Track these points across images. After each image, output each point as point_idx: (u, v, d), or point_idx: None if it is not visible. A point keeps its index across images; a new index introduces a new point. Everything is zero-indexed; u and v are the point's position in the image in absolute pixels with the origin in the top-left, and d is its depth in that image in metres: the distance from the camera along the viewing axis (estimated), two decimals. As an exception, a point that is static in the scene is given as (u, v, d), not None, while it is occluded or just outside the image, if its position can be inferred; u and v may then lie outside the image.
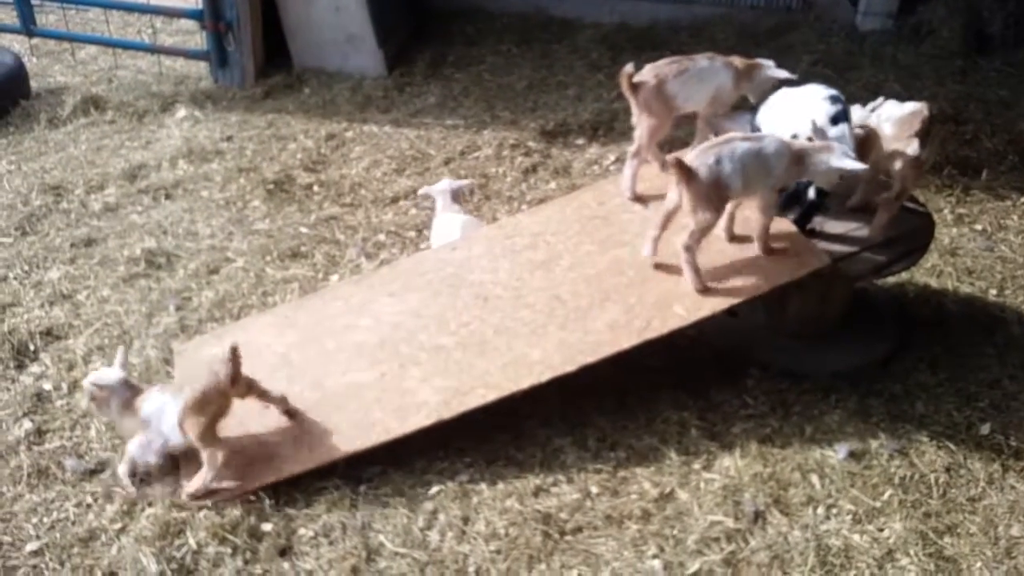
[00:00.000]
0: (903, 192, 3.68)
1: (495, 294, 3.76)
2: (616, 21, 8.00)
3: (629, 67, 3.78)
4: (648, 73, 3.84)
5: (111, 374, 3.29)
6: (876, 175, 3.75)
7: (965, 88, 6.44)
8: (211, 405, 3.15)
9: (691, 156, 3.41)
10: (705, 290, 3.55)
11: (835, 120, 3.49)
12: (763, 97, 3.92)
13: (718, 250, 3.69)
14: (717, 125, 4.06)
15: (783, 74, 3.89)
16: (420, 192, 4.62)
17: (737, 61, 3.94)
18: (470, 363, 3.50)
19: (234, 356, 3.15)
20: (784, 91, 3.82)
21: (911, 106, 3.70)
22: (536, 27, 7.97)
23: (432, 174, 5.59)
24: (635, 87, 3.82)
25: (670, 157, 3.44)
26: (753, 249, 3.65)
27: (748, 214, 3.71)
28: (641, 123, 3.92)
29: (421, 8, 8.16)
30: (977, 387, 3.83)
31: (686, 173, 3.36)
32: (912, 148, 3.52)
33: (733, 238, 3.73)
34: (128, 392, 3.26)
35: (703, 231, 3.47)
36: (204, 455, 3.19)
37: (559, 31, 7.93)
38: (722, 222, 3.63)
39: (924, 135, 3.57)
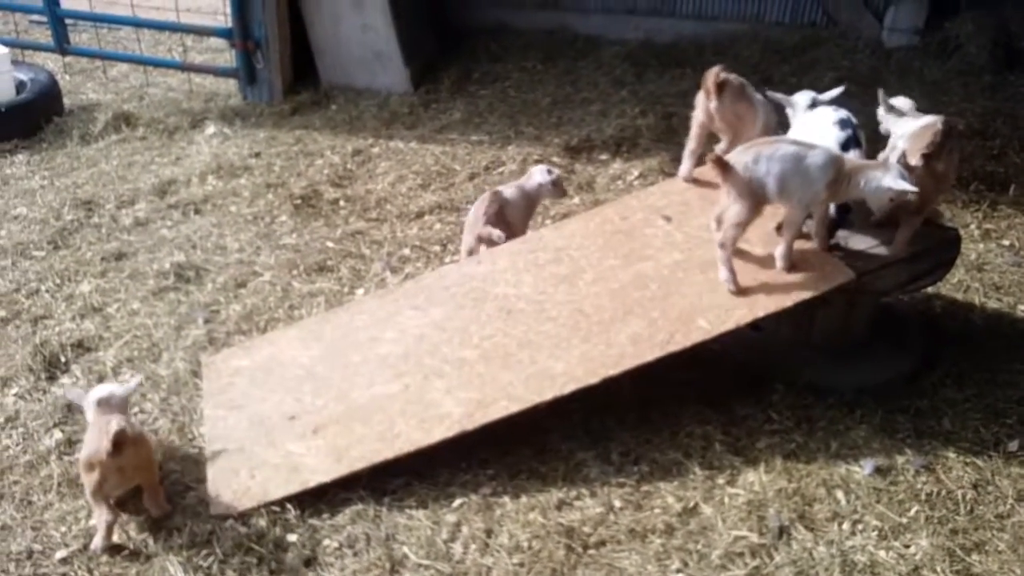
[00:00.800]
0: (923, 206, 3.66)
1: (518, 308, 3.78)
2: (640, 38, 8.03)
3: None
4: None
5: (96, 392, 3.32)
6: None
7: (993, 104, 6.40)
8: (93, 471, 3.07)
9: (733, 152, 3.47)
10: (740, 291, 3.56)
11: (845, 146, 3.48)
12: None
13: (741, 264, 3.69)
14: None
15: None
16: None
17: None
18: (493, 376, 3.52)
19: (118, 437, 3.00)
20: (802, 115, 3.82)
21: (925, 120, 3.69)
22: (560, 44, 8.03)
23: (457, 189, 5.64)
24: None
25: (711, 154, 3.49)
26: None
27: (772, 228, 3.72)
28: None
29: (446, 26, 8.23)
30: (1005, 403, 3.79)
31: (723, 167, 3.40)
32: (915, 160, 3.52)
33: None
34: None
35: (737, 227, 3.50)
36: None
37: (583, 48, 7.98)
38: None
39: (939, 149, 3.53)
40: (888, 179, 3.34)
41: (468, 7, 8.50)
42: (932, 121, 3.64)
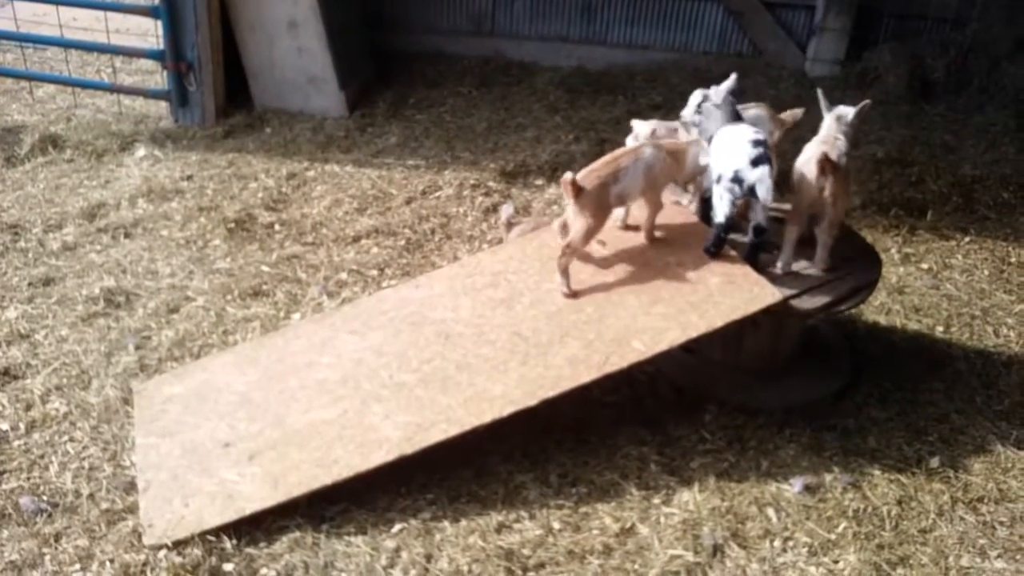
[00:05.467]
0: (832, 223, 3.81)
1: (456, 331, 3.80)
2: (573, 65, 8.20)
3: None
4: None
5: None
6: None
7: (910, 132, 6.68)
8: None
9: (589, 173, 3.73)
10: (572, 295, 3.80)
11: (755, 163, 3.58)
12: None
13: (675, 287, 3.77)
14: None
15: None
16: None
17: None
18: (432, 399, 3.53)
19: None
20: (725, 128, 3.90)
21: (816, 147, 3.86)
22: (495, 70, 8.13)
23: (394, 213, 5.65)
24: None
25: (565, 177, 3.67)
26: (710, 285, 3.74)
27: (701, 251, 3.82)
28: None
29: (382, 50, 8.27)
30: (926, 421, 3.95)
31: (578, 191, 3.64)
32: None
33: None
34: None
35: (586, 238, 3.77)
36: None
37: (518, 74, 8.10)
38: None
39: (821, 171, 3.72)
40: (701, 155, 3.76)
41: (404, 33, 8.56)
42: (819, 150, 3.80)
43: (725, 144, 3.72)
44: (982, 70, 7.35)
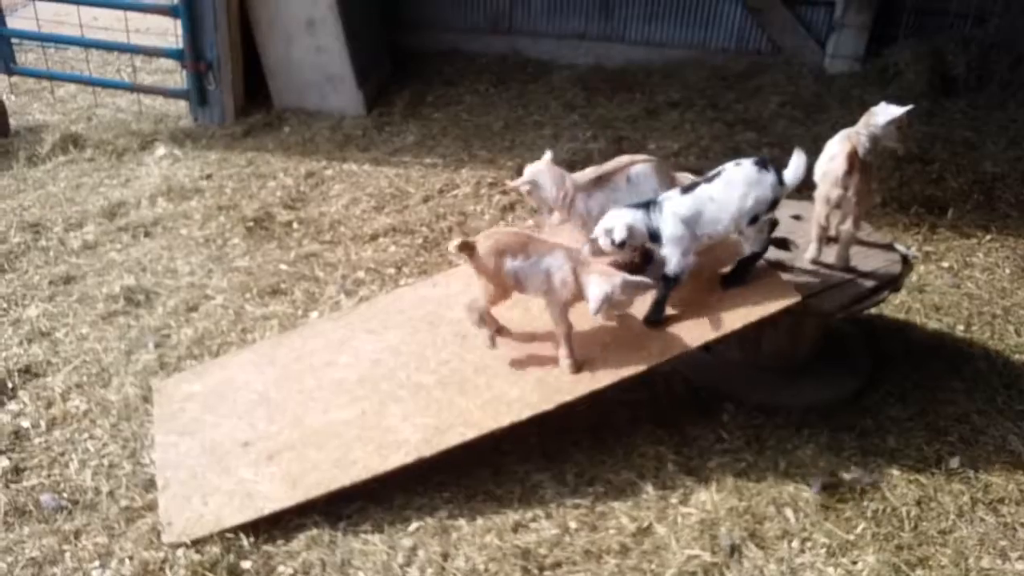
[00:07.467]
0: (855, 220, 3.81)
1: (473, 332, 3.79)
2: (590, 62, 8.18)
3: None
4: None
5: None
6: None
7: (931, 129, 6.61)
8: None
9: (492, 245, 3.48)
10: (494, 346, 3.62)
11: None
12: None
13: (693, 288, 3.76)
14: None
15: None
16: None
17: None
18: (450, 401, 3.53)
19: None
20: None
21: (840, 144, 3.84)
22: (513, 68, 8.13)
23: (411, 212, 5.66)
24: None
25: (457, 243, 3.48)
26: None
27: (719, 254, 3.81)
28: None
29: (400, 49, 8.29)
30: (946, 421, 3.91)
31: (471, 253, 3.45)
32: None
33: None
34: None
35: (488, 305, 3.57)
36: None
37: (535, 72, 8.09)
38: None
39: (850, 169, 3.70)
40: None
41: (421, 31, 8.57)
42: (848, 145, 3.77)
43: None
44: (1004, 66, 7.27)
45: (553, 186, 3.70)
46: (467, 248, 3.46)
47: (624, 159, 3.86)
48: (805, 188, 4.02)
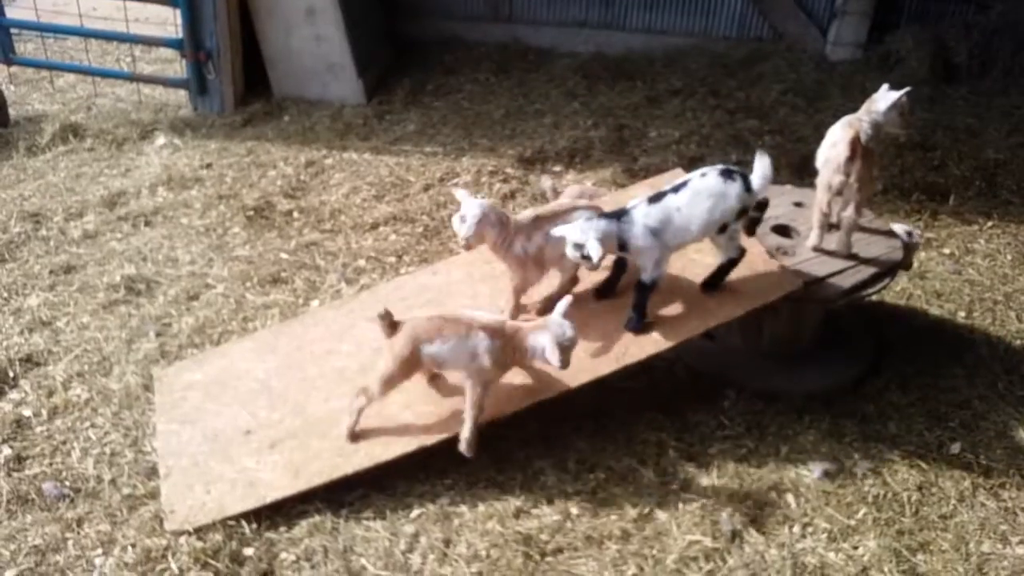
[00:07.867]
0: (857, 207, 3.81)
1: (475, 318, 3.80)
2: (591, 50, 8.14)
3: None
4: None
5: None
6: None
7: (933, 116, 6.59)
8: None
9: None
10: (353, 438, 3.42)
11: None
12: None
13: (696, 274, 3.76)
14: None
15: None
16: None
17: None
18: (451, 389, 3.53)
19: None
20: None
21: (843, 130, 3.84)
22: (513, 56, 8.10)
23: (411, 200, 5.65)
24: None
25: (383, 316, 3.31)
26: (730, 274, 3.72)
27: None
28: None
29: (400, 38, 8.26)
30: (947, 407, 3.92)
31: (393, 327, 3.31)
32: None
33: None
34: None
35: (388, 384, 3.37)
36: None
37: (535, 60, 8.06)
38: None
39: (852, 156, 3.70)
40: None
41: (421, 19, 8.54)
42: (851, 131, 3.78)
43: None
44: (1006, 53, 7.23)
45: (497, 226, 3.52)
46: (388, 320, 3.28)
47: (566, 202, 3.77)
48: (807, 175, 4.03)
